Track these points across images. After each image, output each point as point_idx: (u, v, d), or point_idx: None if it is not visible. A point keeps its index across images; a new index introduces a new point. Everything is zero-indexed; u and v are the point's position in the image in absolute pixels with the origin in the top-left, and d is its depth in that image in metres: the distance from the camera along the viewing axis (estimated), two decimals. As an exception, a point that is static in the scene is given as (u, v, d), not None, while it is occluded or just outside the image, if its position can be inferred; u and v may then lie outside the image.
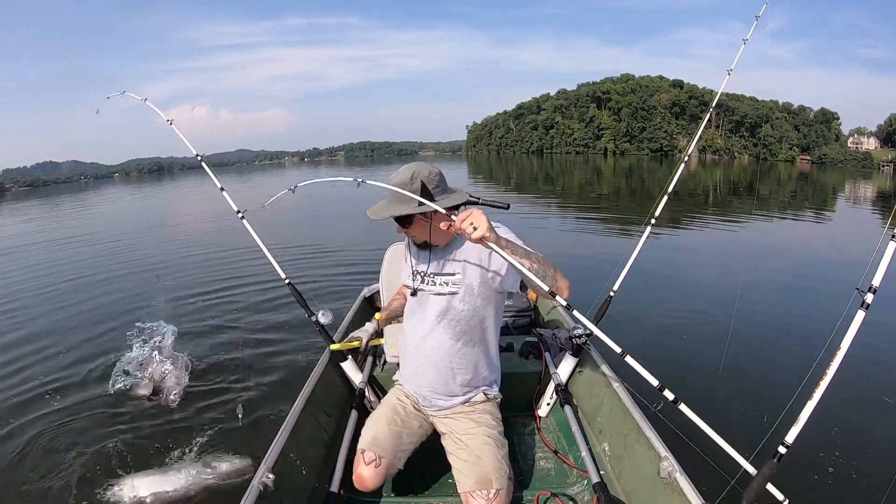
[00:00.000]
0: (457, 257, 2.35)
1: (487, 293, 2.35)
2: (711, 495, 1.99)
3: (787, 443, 1.88)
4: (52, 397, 4.76)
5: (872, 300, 1.86)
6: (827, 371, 1.84)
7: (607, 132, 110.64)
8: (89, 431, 4.15)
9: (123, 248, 13.33)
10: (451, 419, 2.46)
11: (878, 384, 4.70)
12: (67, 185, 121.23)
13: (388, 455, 2.30)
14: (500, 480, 2.18)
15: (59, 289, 9.09)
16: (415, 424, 2.48)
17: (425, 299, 2.42)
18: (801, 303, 7.37)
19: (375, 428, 2.39)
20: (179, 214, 24.21)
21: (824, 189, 35.29)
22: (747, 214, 17.62)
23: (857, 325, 1.86)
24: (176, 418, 4.26)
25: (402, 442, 2.39)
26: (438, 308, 2.37)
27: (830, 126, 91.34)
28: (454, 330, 2.37)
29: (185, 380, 4.77)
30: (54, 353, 5.85)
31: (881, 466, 3.48)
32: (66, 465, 3.73)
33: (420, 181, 2.16)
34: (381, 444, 2.32)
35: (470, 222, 1.83)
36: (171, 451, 3.76)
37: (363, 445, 2.32)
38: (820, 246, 12.70)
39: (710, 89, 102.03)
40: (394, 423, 2.42)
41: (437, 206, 2.05)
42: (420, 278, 2.44)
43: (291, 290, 3.53)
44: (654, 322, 6.33)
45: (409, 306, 2.55)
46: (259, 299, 7.34)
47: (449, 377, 2.42)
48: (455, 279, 2.34)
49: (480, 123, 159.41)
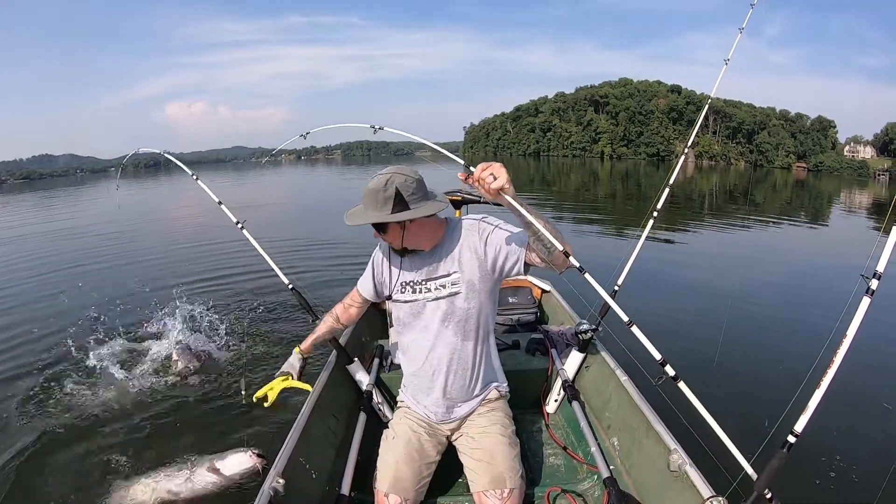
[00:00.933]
0: (450, 256, 2.26)
1: (488, 285, 2.28)
2: (722, 487, 1.99)
3: (796, 432, 1.86)
4: (51, 393, 4.76)
5: (878, 286, 1.86)
6: (834, 358, 1.83)
7: (604, 136, 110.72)
8: (93, 431, 4.14)
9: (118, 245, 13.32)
10: (463, 423, 2.44)
11: (881, 374, 4.73)
12: (63, 179, 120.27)
13: (412, 496, 2.21)
14: (513, 480, 2.18)
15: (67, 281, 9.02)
16: (432, 453, 2.38)
17: (421, 308, 2.33)
18: (804, 294, 7.50)
19: (395, 469, 2.25)
20: (180, 211, 24.06)
21: (821, 196, 35.36)
22: (743, 217, 17.67)
23: (863, 312, 1.85)
24: (184, 422, 4.24)
25: (422, 476, 2.30)
26: (441, 313, 2.28)
27: (827, 134, 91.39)
28: (463, 330, 2.29)
29: (195, 367, 4.88)
30: (56, 343, 5.86)
31: (884, 456, 3.48)
32: (68, 466, 3.72)
33: (395, 188, 2.06)
34: (403, 486, 2.21)
35: (490, 172, 1.82)
36: (179, 455, 3.71)
37: (385, 489, 2.19)
38: (818, 247, 12.79)
39: (709, 95, 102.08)
40: (411, 459, 2.29)
41: (411, 214, 2.08)
42: (410, 288, 2.34)
43: (295, 296, 3.55)
44: (657, 312, 6.44)
45: (401, 320, 2.43)
46: (262, 302, 7.28)
47: (467, 380, 2.36)
48: (454, 278, 2.25)
49: (478, 125, 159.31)
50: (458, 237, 2.26)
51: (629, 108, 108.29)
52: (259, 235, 3.58)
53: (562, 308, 4.15)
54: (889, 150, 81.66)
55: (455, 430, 2.44)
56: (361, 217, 2.13)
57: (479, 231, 2.24)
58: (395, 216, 2.07)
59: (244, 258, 9.17)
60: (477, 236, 2.23)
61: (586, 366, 3.20)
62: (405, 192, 2.08)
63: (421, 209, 2.10)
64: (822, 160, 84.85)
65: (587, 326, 3.10)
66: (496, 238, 2.20)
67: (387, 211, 2.07)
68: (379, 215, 2.08)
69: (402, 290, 2.36)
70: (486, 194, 1.85)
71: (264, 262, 3.56)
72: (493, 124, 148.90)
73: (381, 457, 2.34)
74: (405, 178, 2.09)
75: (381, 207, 2.07)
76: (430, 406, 2.41)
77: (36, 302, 8.03)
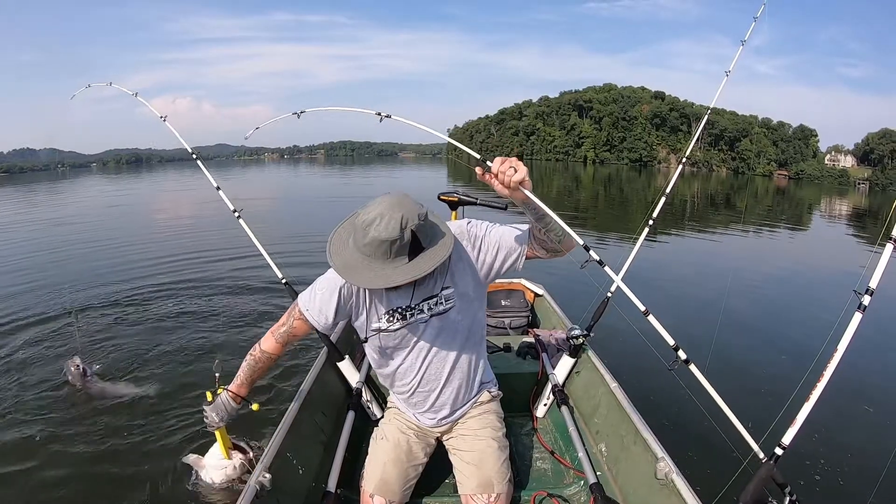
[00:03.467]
0: (440, 271, 2.07)
1: (482, 291, 2.22)
2: (708, 496, 2.00)
3: (783, 444, 1.90)
4: (39, 394, 4.67)
5: (869, 302, 1.89)
6: (824, 373, 1.87)
7: (588, 140, 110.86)
8: (75, 427, 4.10)
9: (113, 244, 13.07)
10: (457, 424, 2.41)
11: (869, 388, 4.78)
12: (45, 174, 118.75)
13: (398, 498, 2.20)
14: (501, 484, 2.17)
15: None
16: (420, 455, 2.35)
17: (412, 330, 2.15)
18: (793, 307, 7.51)
19: (382, 470, 2.22)
20: (171, 209, 23.83)
21: (802, 204, 35.65)
22: (727, 225, 17.82)
23: (855, 327, 1.89)
24: (170, 417, 4.20)
25: (409, 478, 2.28)
26: (433, 330, 2.16)
27: (808, 143, 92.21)
28: (456, 341, 2.20)
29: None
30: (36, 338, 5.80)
31: (871, 469, 3.49)
32: (53, 463, 3.68)
33: (411, 231, 1.79)
34: (390, 488, 2.19)
35: (510, 165, 1.70)
36: (166, 451, 3.71)
37: (371, 489, 2.17)
38: (807, 257, 12.83)
39: (692, 102, 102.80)
40: (399, 461, 2.26)
41: (433, 263, 1.82)
42: (399, 315, 2.12)
43: (288, 291, 3.55)
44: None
45: (385, 347, 2.21)
46: (254, 297, 7.29)
47: (461, 389, 2.31)
48: (447, 294, 2.10)
49: (462, 127, 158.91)
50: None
51: (613, 114, 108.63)
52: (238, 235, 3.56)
53: (554, 312, 4.16)
54: (869, 160, 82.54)
55: (446, 433, 2.42)
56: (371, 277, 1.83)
57: (471, 237, 2.09)
58: (418, 269, 1.82)
59: (238, 253, 9.32)
60: (469, 243, 2.09)
61: (577, 371, 3.22)
62: (421, 234, 1.83)
63: (437, 250, 1.87)
64: (804, 168, 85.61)
65: (579, 332, 3.13)
66: (491, 239, 2.07)
67: (403, 261, 1.82)
68: (399, 272, 1.81)
69: (389, 320, 2.13)
70: (503, 189, 1.72)
71: (260, 258, 3.57)
72: (476, 127, 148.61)
73: (370, 457, 2.32)
74: (418, 216, 1.82)
75: (394, 258, 1.81)
76: (420, 415, 2.38)
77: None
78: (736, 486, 1.99)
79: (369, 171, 67.82)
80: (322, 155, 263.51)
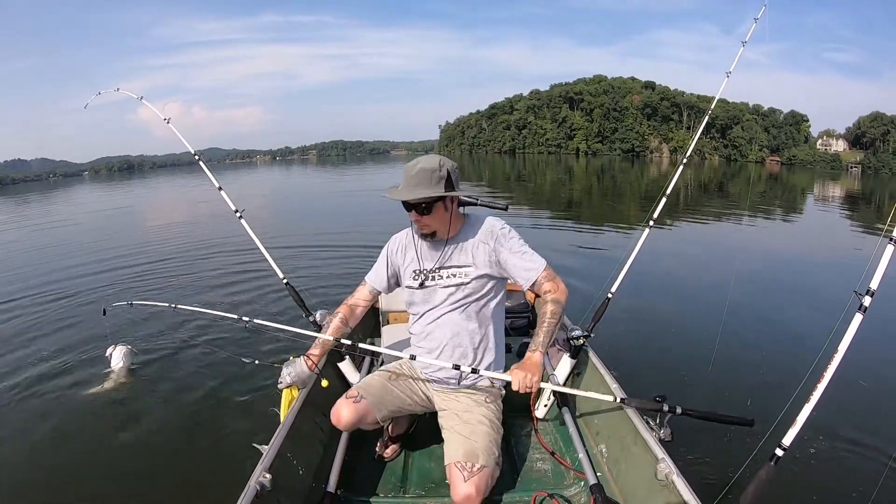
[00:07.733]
0: (465, 249, 2.43)
1: (496, 279, 2.47)
2: (708, 498, 2.00)
3: (784, 445, 1.90)
4: (40, 394, 4.76)
5: (870, 303, 1.89)
6: (825, 374, 1.87)
7: (579, 132, 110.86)
8: (78, 429, 4.15)
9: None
10: (453, 398, 2.50)
11: (870, 388, 4.78)
12: (37, 184, 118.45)
13: (370, 398, 2.42)
14: (486, 458, 2.18)
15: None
16: (408, 390, 2.58)
17: (432, 292, 2.47)
18: (794, 305, 7.48)
19: (368, 378, 2.61)
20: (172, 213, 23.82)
21: (793, 190, 35.70)
22: (719, 218, 17.76)
23: (855, 328, 1.89)
24: (169, 417, 4.25)
25: (389, 396, 2.50)
26: (448, 295, 2.44)
27: (800, 128, 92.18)
28: (467, 312, 2.44)
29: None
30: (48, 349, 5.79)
31: (872, 470, 3.50)
32: (55, 464, 3.72)
33: (446, 170, 2.28)
34: (367, 389, 2.46)
35: (527, 386, 2.25)
36: (164, 450, 3.75)
37: (355, 387, 2.49)
38: (806, 249, 12.76)
39: (682, 91, 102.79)
40: (387, 378, 2.57)
41: (457, 193, 2.32)
42: (424, 276, 2.48)
43: (289, 290, 3.56)
44: (648, 324, 6.39)
45: (412, 302, 2.56)
46: (255, 296, 7.36)
47: (461, 356, 2.45)
48: (466, 271, 2.42)
49: (453, 123, 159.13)
50: (475, 234, 2.44)
51: (604, 105, 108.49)
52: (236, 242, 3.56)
53: None
54: (861, 143, 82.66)
55: (443, 399, 2.54)
56: (410, 193, 2.26)
57: (499, 239, 2.42)
58: (451, 193, 2.30)
59: (238, 255, 9.31)
60: (496, 243, 2.41)
61: (577, 372, 3.23)
62: (454, 175, 2.33)
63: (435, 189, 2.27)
64: (796, 154, 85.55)
65: (579, 333, 3.14)
66: (512, 257, 2.40)
67: (440, 189, 2.26)
68: (434, 191, 2.26)
69: (415, 278, 2.50)
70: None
71: (261, 258, 3.57)
72: (468, 122, 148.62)
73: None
74: (453, 164, 2.34)
75: (434, 186, 2.26)
76: (425, 368, 2.58)
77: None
78: (736, 486, 1.99)
79: (363, 169, 67.73)
80: (314, 155, 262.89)
